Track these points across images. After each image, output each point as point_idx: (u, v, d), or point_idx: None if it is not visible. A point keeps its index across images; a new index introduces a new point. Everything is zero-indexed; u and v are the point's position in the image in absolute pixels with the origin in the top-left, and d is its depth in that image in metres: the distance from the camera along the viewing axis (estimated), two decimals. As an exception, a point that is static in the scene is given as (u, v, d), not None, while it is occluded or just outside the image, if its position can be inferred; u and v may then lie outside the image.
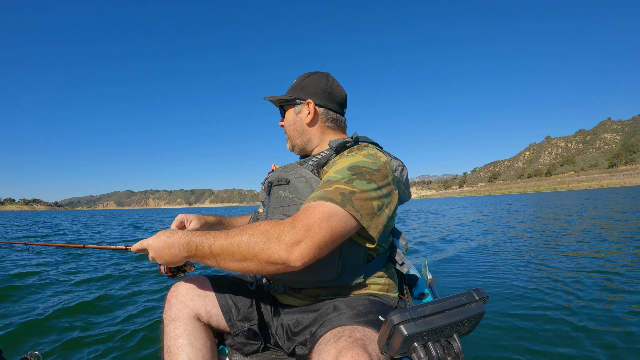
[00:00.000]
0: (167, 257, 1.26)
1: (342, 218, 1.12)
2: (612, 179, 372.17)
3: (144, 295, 4.62)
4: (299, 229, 1.05)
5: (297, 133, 1.62)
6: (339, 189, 1.16)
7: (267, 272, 1.11)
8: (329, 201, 1.13)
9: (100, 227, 21.55)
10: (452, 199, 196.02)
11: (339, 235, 1.11)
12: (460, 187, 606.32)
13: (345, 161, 1.32)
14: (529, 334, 3.03)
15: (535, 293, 4.13)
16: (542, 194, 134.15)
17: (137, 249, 1.38)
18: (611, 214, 15.14)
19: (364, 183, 1.21)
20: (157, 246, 1.27)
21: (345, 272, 1.33)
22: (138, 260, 7.37)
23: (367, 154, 1.34)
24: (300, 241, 1.04)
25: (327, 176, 1.28)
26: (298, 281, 1.39)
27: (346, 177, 1.22)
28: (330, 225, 1.09)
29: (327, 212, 1.10)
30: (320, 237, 1.06)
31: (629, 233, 8.75)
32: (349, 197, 1.15)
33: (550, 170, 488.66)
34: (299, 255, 1.04)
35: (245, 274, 1.64)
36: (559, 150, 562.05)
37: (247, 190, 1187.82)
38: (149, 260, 1.47)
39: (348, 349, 0.98)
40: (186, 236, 1.22)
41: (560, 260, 5.98)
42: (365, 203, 1.18)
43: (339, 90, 1.61)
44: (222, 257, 1.13)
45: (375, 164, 1.30)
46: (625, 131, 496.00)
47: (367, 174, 1.24)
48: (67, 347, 3.04)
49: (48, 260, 7.45)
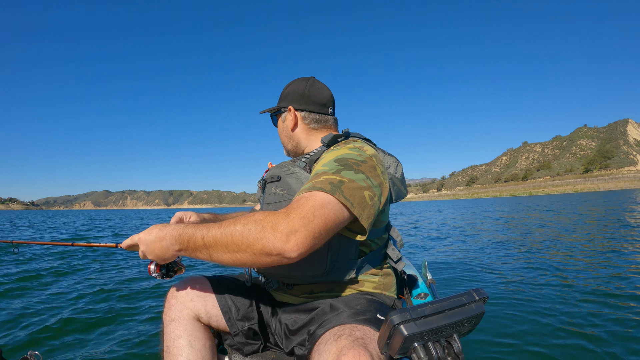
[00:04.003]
0: (158, 250, 1.22)
1: (334, 206, 1.10)
2: (587, 184, 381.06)
3: (143, 295, 4.61)
4: (293, 218, 1.03)
5: (286, 139, 1.68)
6: (327, 179, 1.15)
7: (262, 264, 1.06)
8: (319, 190, 1.11)
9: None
10: (429, 202, 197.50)
11: (332, 223, 1.09)
12: (438, 190, 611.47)
13: (331, 154, 1.32)
14: (528, 334, 3.07)
15: (535, 293, 4.19)
16: (518, 198, 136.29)
17: (128, 244, 1.35)
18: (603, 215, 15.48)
19: (351, 173, 1.20)
20: (148, 239, 1.23)
21: (335, 267, 1.33)
22: (137, 260, 7.35)
23: (352, 147, 1.35)
24: (295, 230, 1.01)
25: (315, 170, 1.29)
26: (289, 276, 1.41)
27: (334, 169, 1.21)
28: (324, 213, 1.06)
29: (319, 201, 1.08)
30: (314, 226, 1.03)
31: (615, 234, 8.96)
32: (338, 186, 1.13)
33: (527, 175, 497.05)
34: (295, 244, 1.00)
35: (242, 275, 1.65)
36: (535, 155, 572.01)
37: (226, 192, 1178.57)
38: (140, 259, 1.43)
39: (349, 348, 0.98)
40: (178, 228, 1.19)
41: (560, 261, 6.10)
42: (355, 192, 1.16)
43: (319, 92, 1.63)
44: (215, 249, 1.09)
45: (361, 156, 1.30)
46: (600, 138, 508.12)
47: (354, 165, 1.23)
48: (67, 347, 3.03)
49: (45, 259, 7.38)
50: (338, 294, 1.40)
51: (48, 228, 21.27)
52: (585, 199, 49.19)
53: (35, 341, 3.12)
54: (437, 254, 7.54)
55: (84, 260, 7.33)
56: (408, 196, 4.05)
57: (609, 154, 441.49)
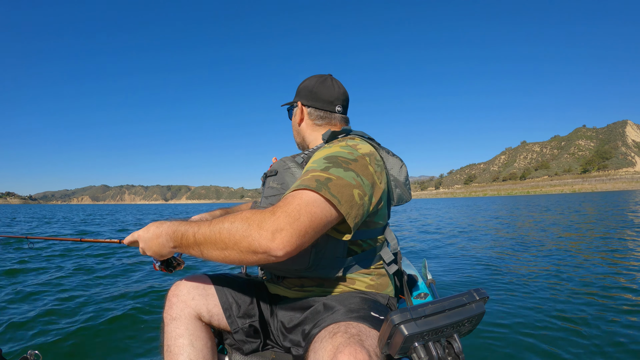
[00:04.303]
0: (155, 247, 1.26)
1: (320, 204, 1.09)
2: (584, 184, 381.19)
3: (143, 293, 4.62)
4: (279, 216, 1.03)
5: (295, 133, 1.76)
6: (314, 177, 1.15)
7: (249, 261, 1.07)
8: (305, 188, 1.11)
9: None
10: (427, 200, 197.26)
11: (319, 221, 1.08)
12: (436, 188, 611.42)
13: (321, 152, 1.32)
14: (529, 334, 3.09)
15: (535, 293, 4.23)
16: (515, 197, 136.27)
17: (129, 241, 1.39)
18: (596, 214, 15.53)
19: (340, 171, 1.19)
20: (146, 237, 1.28)
21: (321, 263, 1.34)
22: (137, 257, 7.36)
23: (344, 145, 1.34)
24: (281, 229, 1.01)
25: (305, 168, 1.29)
26: (275, 268, 1.44)
27: (322, 166, 1.20)
28: (310, 211, 1.06)
29: (305, 199, 1.08)
30: (300, 224, 1.03)
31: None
32: (324, 183, 1.12)
33: (525, 174, 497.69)
34: (280, 243, 1.00)
35: (241, 273, 1.66)
36: (534, 155, 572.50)
37: (224, 187, 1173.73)
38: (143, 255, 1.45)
39: (345, 345, 0.98)
40: (173, 225, 1.22)
41: (561, 260, 6.16)
42: (344, 190, 1.15)
43: (327, 90, 1.65)
44: (205, 246, 1.11)
45: (352, 154, 1.29)
46: (599, 138, 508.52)
47: (343, 163, 1.23)
48: (67, 346, 3.03)
49: (46, 256, 7.39)
50: (329, 290, 1.40)
51: (48, 223, 21.31)
52: (584, 199, 49.31)
53: (35, 341, 3.12)
54: (437, 254, 7.56)
55: (88, 258, 7.32)
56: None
57: (608, 154, 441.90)
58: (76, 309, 3.96)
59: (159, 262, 1.48)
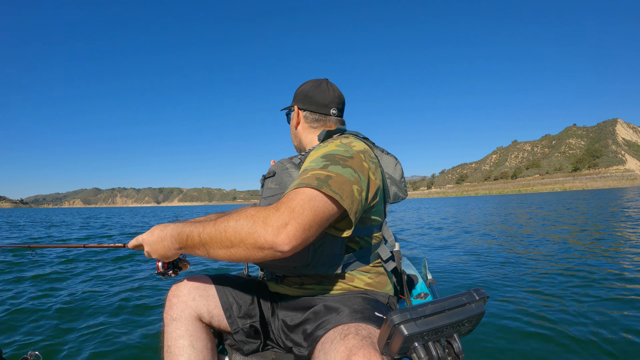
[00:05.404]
0: (161, 250, 1.27)
1: (322, 199, 1.11)
2: (575, 182, 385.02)
3: (143, 293, 4.61)
4: (283, 212, 1.04)
5: (293, 136, 1.79)
6: (314, 175, 1.16)
7: (256, 258, 1.08)
8: (306, 186, 1.12)
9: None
10: (420, 199, 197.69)
11: (322, 215, 1.10)
12: (428, 188, 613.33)
13: (318, 151, 1.33)
14: (529, 334, 3.09)
15: (535, 292, 4.24)
16: (507, 196, 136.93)
17: (133, 245, 1.40)
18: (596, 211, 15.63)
19: (339, 168, 1.20)
20: (151, 240, 1.29)
21: (320, 261, 1.34)
22: (137, 258, 7.36)
23: (339, 143, 1.36)
24: (286, 223, 1.02)
25: (303, 167, 1.29)
26: (273, 266, 1.43)
27: (321, 164, 1.21)
28: (313, 206, 1.07)
29: (307, 195, 1.09)
30: (304, 218, 1.04)
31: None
32: (325, 180, 1.13)
33: (516, 173, 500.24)
34: (286, 238, 1.01)
35: (243, 273, 1.67)
36: (525, 154, 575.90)
37: (216, 189, 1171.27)
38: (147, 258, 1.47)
39: (359, 348, 0.98)
40: (177, 227, 1.23)
41: (560, 259, 6.21)
42: (344, 186, 1.16)
43: (322, 93, 1.68)
44: (211, 245, 1.12)
45: (348, 152, 1.30)
46: (589, 137, 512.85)
47: (341, 160, 1.24)
48: (67, 347, 3.03)
49: (47, 261, 7.34)
50: (329, 288, 1.41)
51: (48, 227, 21.10)
52: (575, 197, 49.65)
53: (35, 341, 3.12)
54: (437, 254, 7.57)
55: (88, 262, 7.28)
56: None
57: (598, 153, 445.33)
58: (76, 310, 3.96)
59: (163, 264, 1.47)
